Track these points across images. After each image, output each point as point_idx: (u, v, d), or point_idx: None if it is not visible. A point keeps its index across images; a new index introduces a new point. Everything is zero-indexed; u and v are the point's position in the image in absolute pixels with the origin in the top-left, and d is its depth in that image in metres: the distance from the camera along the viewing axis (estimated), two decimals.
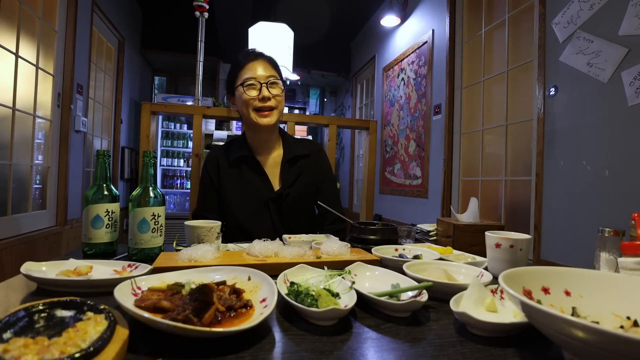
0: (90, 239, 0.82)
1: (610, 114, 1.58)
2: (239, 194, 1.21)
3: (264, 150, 1.26)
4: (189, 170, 5.04)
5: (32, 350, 0.32)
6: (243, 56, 1.20)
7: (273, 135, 1.26)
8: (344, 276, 0.61)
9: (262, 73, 1.15)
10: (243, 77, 1.16)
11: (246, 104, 1.15)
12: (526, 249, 0.76)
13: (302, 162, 1.27)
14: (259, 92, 1.14)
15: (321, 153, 1.34)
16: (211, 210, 1.24)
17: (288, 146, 1.27)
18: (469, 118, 2.71)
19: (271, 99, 1.15)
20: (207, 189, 1.26)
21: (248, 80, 1.14)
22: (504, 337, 0.46)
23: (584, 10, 1.70)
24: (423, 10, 3.25)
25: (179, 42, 4.76)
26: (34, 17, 2.31)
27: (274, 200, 1.20)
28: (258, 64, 1.17)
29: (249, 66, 1.16)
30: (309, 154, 1.29)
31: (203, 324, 0.42)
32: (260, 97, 1.14)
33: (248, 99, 1.15)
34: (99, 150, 0.85)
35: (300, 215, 1.25)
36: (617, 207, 1.53)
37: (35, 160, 2.41)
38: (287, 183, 1.22)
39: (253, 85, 1.14)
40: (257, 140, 1.25)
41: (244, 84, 1.15)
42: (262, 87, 1.14)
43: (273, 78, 1.16)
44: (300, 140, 1.34)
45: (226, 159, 1.25)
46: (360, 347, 0.43)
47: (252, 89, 1.15)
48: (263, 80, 1.15)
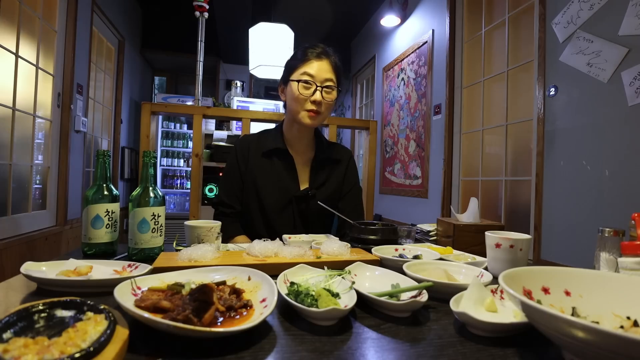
0: (90, 239, 0.82)
1: (610, 114, 1.58)
2: (269, 184, 1.19)
3: (298, 147, 1.25)
4: (189, 170, 5.04)
5: (32, 350, 0.32)
6: (309, 49, 1.15)
7: (310, 135, 1.26)
8: (344, 276, 0.61)
9: (321, 74, 1.12)
10: (301, 71, 1.12)
11: (298, 101, 1.13)
12: (526, 249, 0.76)
13: (332, 166, 1.26)
14: (313, 93, 1.11)
15: (352, 161, 1.33)
16: (235, 198, 1.22)
17: (322, 148, 1.26)
18: (469, 118, 2.71)
19: (322, 104, 1.13)
20: (233, 175, 1.23)
21: (305, 77, 1.11)
22: (504, 337, 0.46)
23: (584, 10, 1.70)
24: (423, 10, 3.25)
25: (179, 42, 4.76)
26: (34, 17, 2.31)
27: (298, 198, 1.19)
28: (321, 64, 1.13)
29: (311, 63, 1.12)
30: (339, 159, 1.28)
31: (203, 324, 0.42)
32: (313, 99, 1.11)
33: (301, 97, 1.12)
34: (99, 150, 0.85)
35: (320, 218, 1.24)
36: (617, 207, 1.53)
37: (35, 160, 2.41)
38: (315, 184, 1.22)
39: (309, 85, 1.11)
40: (294, 136, 1.23)
41: (300, 81, 1.11)
42: (317, 91, 1.11)
43: (331, 82, 1.13)
44: (333, 145, 1.34)
45: (259, 148, 1.23)
46: (360, 347, 0.43)
47: (307, 88, 1.11)
48: (320, 82, 1.11)
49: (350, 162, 1.32)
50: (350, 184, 1.30)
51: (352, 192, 1.30)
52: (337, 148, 1.33)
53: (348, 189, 1.29)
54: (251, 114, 1.74)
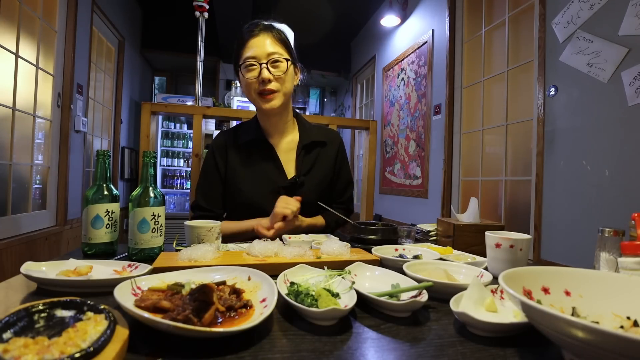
0: (90, 239, 0.82)
1: (610, 114, 1.58)
2: (249, 180, 1.12)
3: (277, 134, 1.16)
4: (189, 170, 5.04)
5: (32, 350, 0.32)
6: (245, 31, 1.08)
7: (286, 118, 1.16)
8: (344, 276, 0.61)
9: (263, 51, 1.03)
10: (244, 56, 1.05)
11: (247, 86, 1.06)
12: (526, 249, 0.76)
13: (319, 150, 1.18)
14: (260, 74, 1.03)
15: (341, 143, 1.25)
16: (213, 201, 1.14)
17: (305, 131, 1.18)
18: (469, 118, 2.71)
19: (272, 81, 1.04)
20: (211, 175, 1.15)
21: (247, 60, 1.04)
22: (504, 337, 0.46)
23: (584, 10, 1.70)
24: (423, 10, 3.25)
25: (179, 42, 4.76)
26: (34, 17, 2.31)
27: (286, 188, 1.11)
28: (260, 40, 1.05)
29: (250, 43, 1.05)
30: (326, 141, 1.20)
31: (203, 324, 0.42)
32: (261, 79, 1.03)
33: (248, 81, 1.05)
34: (99, 150, 0.85)
35: (313, 207, 1.14)
36: (617, 207, 1.53)
37: (35, 160, 2.41)
38: (302, 171, 1.14)
39: (253, 66, 1.03)
40: (269, 125, 1.15)
41: (242, 65, 1.05)
42: (262, 69, 1.03)
43: (276, 55, 1.04)
44: (318, 127, 1.25)
45: (235, 142, 1.15)
46: (360, 347, 0.43)
47: (251, 70, 1.04)
48: (264, 59, 1.03)
49: (341, 146, 1.25)
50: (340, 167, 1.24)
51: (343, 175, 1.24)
52: (323, 129, 1.24)
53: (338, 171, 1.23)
54: (251, 114, 1.73)
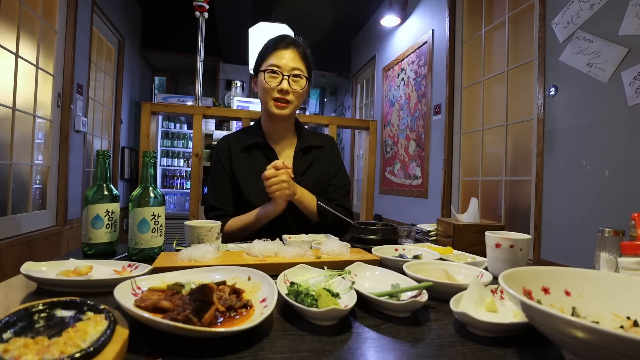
0: (90, 239, 0.82)
1: (610, 114, 1.58)
2: (252, 179, 1.18)
3: (278, 139, 1.26)
4: (189, 170, 5.04)
5: (32, 350, 0.32)
6: (275, 41, 1.18)
7: (288, 125, 1.26)
8: (344, 276, 0.61)
9: (287, 64, 1.13)
10: (268, 63, 1.14)
11: (265, 91, 1.15)
12: (526, 249, 0.76)
13: (315, 152, 1.27)
14: (280, 83, 1.13)
15: (335, 146, 1.35)
16: (225, 201, 1.20)
17: (302, 137, 1.28)
18: (469, 118, 2.71)
19: (289, 93, 1.14)
20: (219, 178, 1.22)
21: (271, 68, 1.13)
22: (504, 337, 0.46)
23: (584, 10, 1.70)
24: (423, 10, 3.25)
25: (179, 42, 4.76)
26: (34, 17, 2.31)
27: None
28: (287, 53, 1.14)
29: (277, 53, 1.14)
30: (322, 145, 1.30)
31: (203, 324, 0.42)
32: (279, 88, 1.12)
33: (268, 87, 1.13)
34: (99, 150, 0.85)
35: None
36: (617, 207, 1.53)
37: (35, 160, 2.41)
38: (299, 172, 1.22)
39: (275, 74, 1.13)
40: (272, 129, 1.24)
41: (267, 71, 1.13)
42: (284, 80, 1.13)
43: (298, 71, 1.14)
44: (314, 133, 1.36)
45: (239, 145, 1.23)
46: (360, 347, 0.43)
47: (273, 79, 1.13)
48: (287, 72, 1.13)
49: (334, 146, 1.34)
50: (336, 167, 1.31)
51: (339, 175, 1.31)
52: (319, 135, 1.35)
53: (334, 171, 1.30)
54: (251, 114, 1.74)
